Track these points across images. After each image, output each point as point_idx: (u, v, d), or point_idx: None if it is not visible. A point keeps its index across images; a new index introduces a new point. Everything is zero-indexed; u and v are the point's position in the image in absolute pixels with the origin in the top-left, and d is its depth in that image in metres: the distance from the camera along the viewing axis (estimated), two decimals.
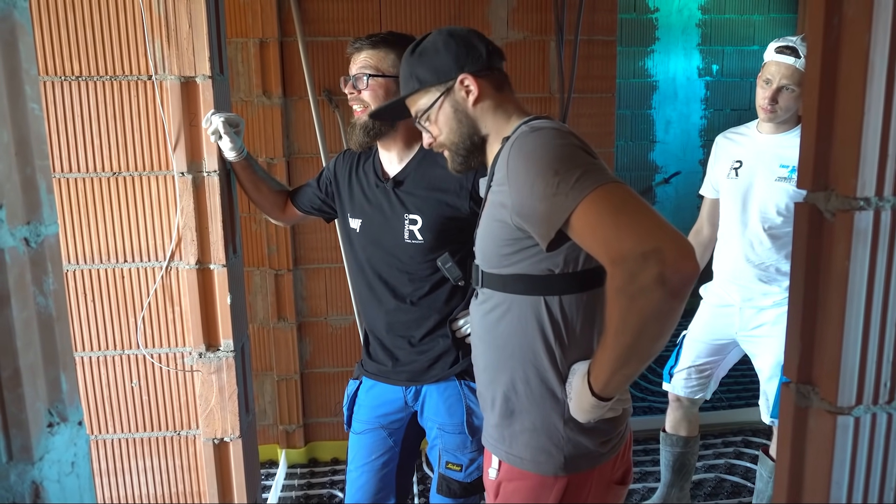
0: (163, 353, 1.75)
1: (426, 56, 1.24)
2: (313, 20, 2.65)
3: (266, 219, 2.77)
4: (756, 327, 2.18)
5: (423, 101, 1.26)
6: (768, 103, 2.03)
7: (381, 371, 1.78)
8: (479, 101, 1.21)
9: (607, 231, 0.96)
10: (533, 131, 1.09)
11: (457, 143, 1.25)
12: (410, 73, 1.27)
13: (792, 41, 2.00)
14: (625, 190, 0.99)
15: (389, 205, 1.68)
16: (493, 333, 1.21)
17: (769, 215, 2.08)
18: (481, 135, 1.24)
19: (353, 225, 1.75)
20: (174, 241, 1.69)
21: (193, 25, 1.58)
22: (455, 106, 1.23)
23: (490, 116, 1.22)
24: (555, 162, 1.02)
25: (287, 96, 2.71)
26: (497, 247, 1.15)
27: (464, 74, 1.20)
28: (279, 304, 2.85)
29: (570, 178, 0.99)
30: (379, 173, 1.72)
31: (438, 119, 1.25)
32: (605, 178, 0.99)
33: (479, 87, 1.20)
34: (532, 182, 1.03)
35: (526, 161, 1.05)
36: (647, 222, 0.94)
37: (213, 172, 1.65)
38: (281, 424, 2.97)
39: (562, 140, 1.06)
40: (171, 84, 1.60)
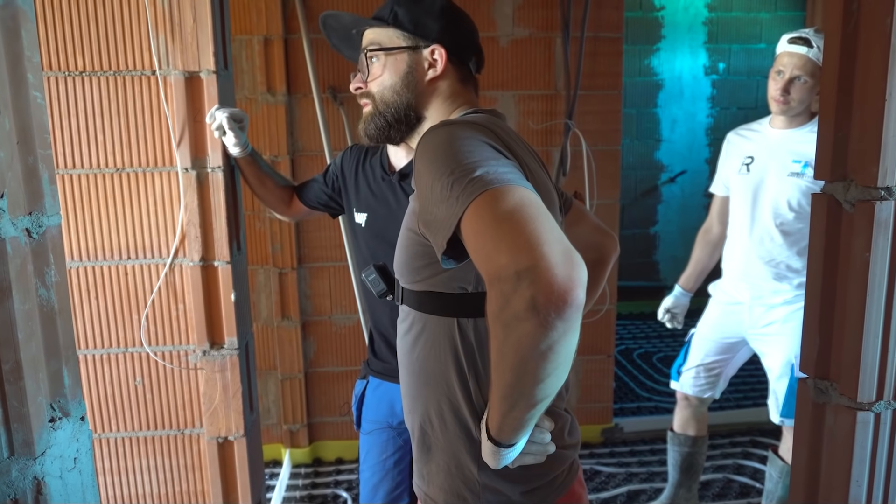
0: (166, 350, 1.74)
1: (419, 3, 1.12)
2: (317, 17, 2.63)
3: (271, 214, 2.76)
4: (766, 325, 2.16)
5: (384, 39, 1.13)
6: (780, 94, 2.01)
7: (387, 369, 1.77)
8: (437, 81, 1.10)
9: (487, 243, 0.74)
10: (443, 125, 0.92)
11: (388, 103, 1.12)
12: (392, 7, 1.13)
13: (805, 32, 1.98)
14: (520, 194, 0.77)
15: (395, 198, 1.67)
16: (410, 357, 1.04)
17: (781, 211, 2.06)
18: (419, 113, 1.12)
19: (359, 219, 1.73)
20: (178, 237, 1.67)
21: (198, 20, 1.56)
22: (412, 68, 1.10)
23: (439, 102, 1.11)
24: (452, 160, 0.83)
25: (291, 94, 2.69)
26: (409, 258, 0.99)
27: (439, 45, 1.09)
28: (283, 302, 2.84)
29: (464, 179, 0.79)
30: (385, 166, 1.70)
31: (386, 67, 1.12)
32: (503, 179, 0.79)
33: (444, 67, 1.09)
34: (430, 183, 0.85)
35: (427, 159, 0.88)
36: (529, 234, 0.72)
37: (216, 168, 1.64)
38: (285, 424, 2.95)
39: (469, 133, 0.88)
40: (175, 79, 1.59)
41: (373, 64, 1.14)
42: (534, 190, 0.80)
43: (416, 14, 1.11)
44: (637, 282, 5.13)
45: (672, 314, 2.42)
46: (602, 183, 2.87)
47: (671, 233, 5.22)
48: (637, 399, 3.62)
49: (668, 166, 5.14)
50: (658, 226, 5.23)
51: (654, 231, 5.23)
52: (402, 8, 1.12)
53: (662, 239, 5.25)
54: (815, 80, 1.97)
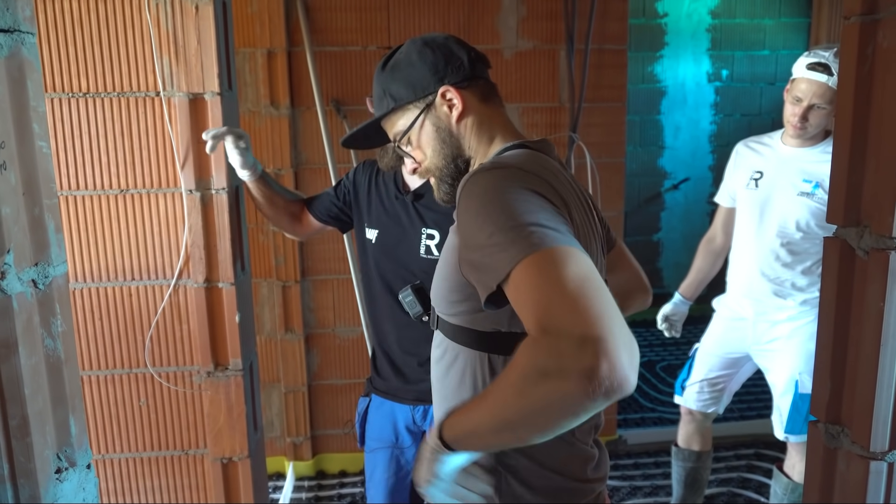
0: (170, 371, 1.73)
1: (400, 70, 1.09)
2: (321, 30, 2.63)
3: (274, 230, 2.75)
4: (770, 341, 2.15)
5: (401, 122, 1.11)
6: (798, 121, 1.98)
7: (389, 388, 1.76)
8: (463, 117, 1.06)
9: (550, 296, 0.74)
10: (490, 169, 0.92)
11: (441, 167, 1.09)
12: (384, 91, 1.11)
13: (824, 57, 1.93)
14: (584, 262, 0.78)
15: (408, 218, 1.66)
16: (443, 383, 1.06)
17: (788, 230, 2.04)
18: (465, 157, 1.08)
19: (369, 235, 1.73)
20: (182, 258, 1.67)
21: (202, 42, 1.56)
22: (437, 124, 1.07)
23: (475, 135, 1.07)
24: (508, 207, 0.83)
25: (295, 106, 2.69)
26: (447, 291, 0.99)
27: (445, 87, 1.05)
28: (287, 315, 2.83)
29: (522, 230, 0.80)
30: (399, 185, 1.70)
31: (421, 141, 1.09)
32: (562, 240, 0.79)
33: (463, 101, 1.05)
34: (481, 226, 0.85)
35: (479, 201, 0.87)
36: (600, 308, 0.73)
37: (221, 190, 1.63)
38: (288, 436, 2.95)
39: (522, 180, 0.88)
40: (179, 101, 1.58)
41: (410, 148, 1.12)
42: (586, 253, 0.81)
43: (406, 80, 1.08)
44: None
45: (671, 322, 2.41)
46: (606, 195, 2.86)
47: (674, 240, 5.21)
48: (641, 410, 3.61)
49: (671, 173, 5.13)
50: (661, 233, 5.22)
51: (657, 238, 5.22)
52: (392, 86, 1.10)
53: (666, 246, 5.23)
54: (834, 106, 1.95)
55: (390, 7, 2.65)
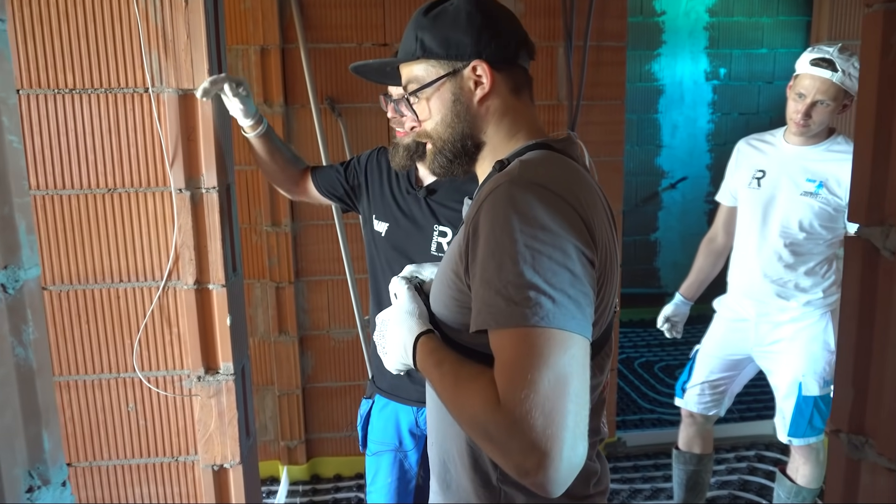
0: (160, 376, 1.68)
1: (442, 22, 0.98)
2: (316, 26, 2.58)
3: (268, 229, 2.70)
4: (772, 343, 2.11)
5: (420, 73, 1.01)
6: (801, 118, 1.94)
7: (394, 388, 1.72)
8: (487, 99, 0.98)
9: (525, 384, 0.74)
10: (522, 186, 0.84)
11: (445, 139, 1.00)
12: (416, 37, 1.00)
13: (828, 52, 1.90)
14: (572, 355, 0.77)
15: (421, 213, 1.62)
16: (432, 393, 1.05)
17: (791, 230, 2.01)
18: (477, 140, 1.00)
19: (378, 228, 1.69)
20: (171, 260, 1.62)
21: (192, 36, 1.51)
22: (457, 95, 0.98)
23: (494, 122, 0.99)
24: (524, 257, 0.78)
25: (289, 105, 2.64)
26: (448, 299, 0.94)
27: (479, 61, 0.96)
28: (280, 317, 2.78)
29: (528, 292, 0.77)
30: (412, 179, 1.66)
31: (431, 102, 1.00)
32: (568, 320, 0.77)
33: (492, 82, 0.96)
34: (490, 256, 0.81)
35: (497, 228, 0.82)
36: (564, 418, 0.74)
37: (211, 189, 1.58)
38: (282, 440, 2.90)
39: (551, 221, 0.81)
40: (168, 97, 1.53)
41: (418, 103, 1.02)
42: (589, 332, 0.81)
43: (443, 35, 0.98)
44: (637, 289, 5.08)
45: (672, 323, 2.37)
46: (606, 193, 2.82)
47: (672, 239, 5.18)
48: (640, 411, 3.57)
49: (668, 172, 5.10)
50: (659, 232, 5.18)
51: (654, 237, 5.19)
52: (428, 33, 0.99)
53: (663, 245, 5.20)
54: (838, 103, 1.91)
55: (385, 4, 2.61)
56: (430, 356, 0.92)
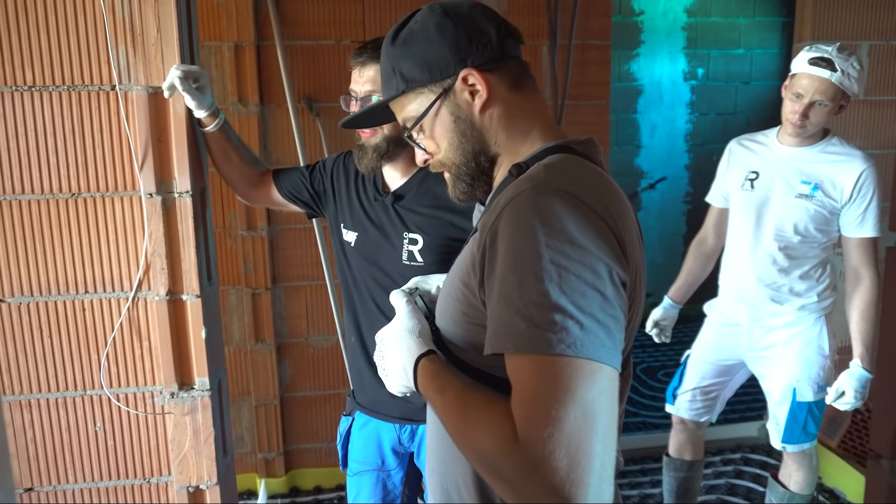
0: (129, 393, 1.58)
1: (414, 44, 0.91)
2: (292, 23, 2.49)
3: (243, 234, 2.60)
4: (766, 348, 2.08)
5: (413, 107, 0.93)
6: (799, 119, 1.89)
7: (375, 404, 1.64)
8: (488, 107, 0.89)
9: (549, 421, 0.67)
10: (545, 194, 0.76)
11: (458, 164, 0.93)
12: (393, 70, 0.93)
13: (827, 52, 1.85)
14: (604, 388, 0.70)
15: (389, 221, 1.54)
16: None
17: (786, 234, 1.97)
18: (490, 154, 0.92)
19: (348, 237, 1.61)
20: (142, 269, 1.51)
21: (162, 30, 1.41)
22: (456, 113, 0.90)
23: (503, 129, 0.90)
24: (549, 274, 0.71)
25: (264, 104, 2.54)
26: (454, 312, 0.87)
27: (467, 70, 0.88)
28: (257, 324, 2.68)
29: (553, 316, 0.70)
30: (379, 185, 1.57)
31: (434, 131, 0.93)
32: (597, 349, 0.70)
33: (488, 87, 0.88)
34: (511, 271, 0.74)
35: (518, 240, 0.74)
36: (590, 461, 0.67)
37: (184, 193, 1.48)
38: (260, 452, 2.79)
39: (580, 234, 0.73)
40: (137, 95, 1.43)
41: (423, 137, 0.95)
42: (619, 362, 0.73)
43: (420, 58, 0.90)
44: None
45: (661, 327, 2.33)
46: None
47: (651, 240, 5.16)
48: (624, 415, 3.53)
49: (647, 172, 5.08)
50: None
51: None
52: (404, 63, 0.91)
53: None
54: (836, 103, 1.87)
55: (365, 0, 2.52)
56: (433, 381, 0.84)
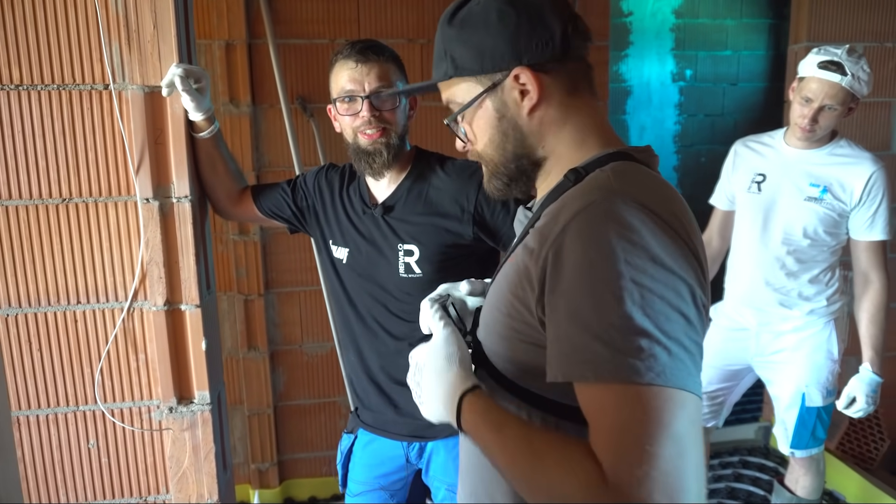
0: (125, 408, 1.50)
1: (470, 29, 0.83)
2: (285, 21, 2.42)
3: (235, 238, 2.52)
4: (775, 353, 2.05)
5: (459, 94, 0.87)
6: (808, 123, 1.86)
7: (379, 421, 1.58)
8: (537, 109, 0.83)
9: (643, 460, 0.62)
10: (623, 203, 0.71)
11: (497, 162, 0.88)
12: (445, 51, 0.86)
13: (836, 55, 1.81)
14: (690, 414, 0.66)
15: (381, 234, 1.47)
16: None
17: (794, 237, 1.94)
18: (535, 158, 0.86)
19: (339, 255, 1.53)
20: (137, 278, 1.44)
21: (159, 26, 1.34)
22: (501, 110, 0.84)
23: (552, 134, 0.84)
24: (631, 295, 0.66)
25: (256, 104, 2.46)
26: (503, 328, 0.81)
27: (520, 68, 0.81)
28: (249, 332, 2.60)
29: (638, 341, 0.65)
30: (366, 198, 1.50)
31: (476, 123, 0.87)
32: (683, 375, 0.66)
33: (540, 89, 0.81)
34: (585, 295, 0.68)
35: (591, 253, 0.69)
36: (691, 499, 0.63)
37: (183, 198, 1.41)
38: (253, 463, 2.71)
39: (659, 250, 0.69)
40: (132, 95, 1.35)
41: (461, 125, 0.90)
42: (701, 389, 0.69)
43: (474, 44, 0.83)
44: None
45: None
46: None
47: None
48: None
49: None
50: None
51: None
52: (457, 46, 0.85)
53: None
54: (845, 106, 1.83)
55: None
56: (485, 417, 0.77)
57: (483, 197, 1.40)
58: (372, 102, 1.38)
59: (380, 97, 1.38)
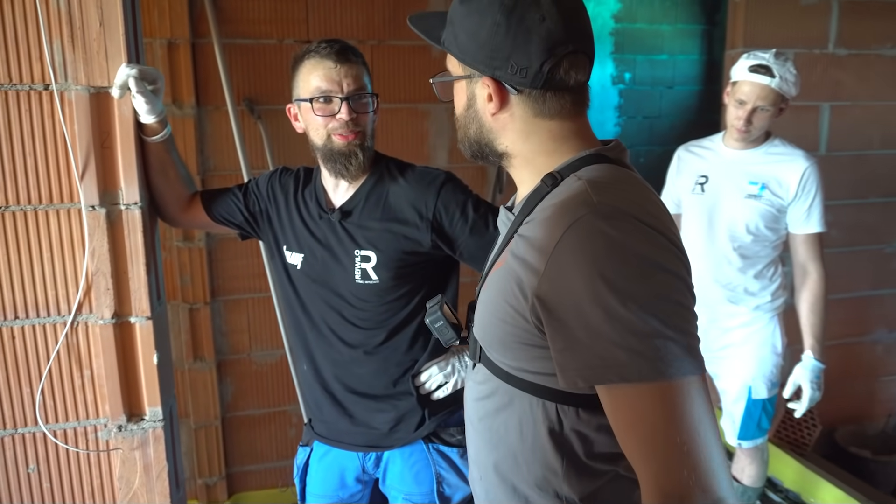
0: (69, 428, 1.41)
1: (470, 20, 0.86)
2: (231, 20, 2.34)
3: (179, 245, 2.42)
4: (721, 349, 2.12)
5: (450, 61, 0.93)
6: (743, 124, 1.95)
7: (334, 433, 1.54)
8: (499, 115, 0.88)
9: (674, 451, 0.70)
10: (607, 218, 0.75)
11: (462, 134, 0.95)
12: (451, 18, 0.90)
13: (765, 59, 1.91)
14: (704, 392, 0.73)
15: (337, 240, 1.43)
16: (488, 425, 0.94)
17: (738, 234, 2.01)
18: (496, 149, 0.91)
19: (293, 260, 1.49)
20: (82, 290, 1.36)
21: (105, 23, 1.26)
22: (471, 100, 0.90)
23: (515, 138, 0.88)
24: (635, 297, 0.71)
25: (201, 105, 2.37)
26: (504, 335, 0.85)
27: (489, 79, 0.85)
28: (195, 341, 2.50)
29: (651, 340, 0.70)
30: (322, 202, 1.46)
31: (454, 94, 0.95)
32: (693, 361, 0.72)
33: (501, 103, 0.86)
34: (589, 301, 0.72)
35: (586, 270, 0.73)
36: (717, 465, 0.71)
37: (132, 205, 1.34)
38: (200, 477, 2.61)
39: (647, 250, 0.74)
40: (76, 96, 1.27)
41: (442, 87, 0.96)
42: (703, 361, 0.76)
43: (465, 35, 0.86)
44: None
45: None
46: None
47: None
48: None
49: None
50: None
51: None
52: (456, 27, 0.88)
53: None
54: (776, 107, 1.94)
55: None
56: None
57: (442, 205, 1.39)
58: (352, 105, 1.35)
59: (359, 100, 1.36)
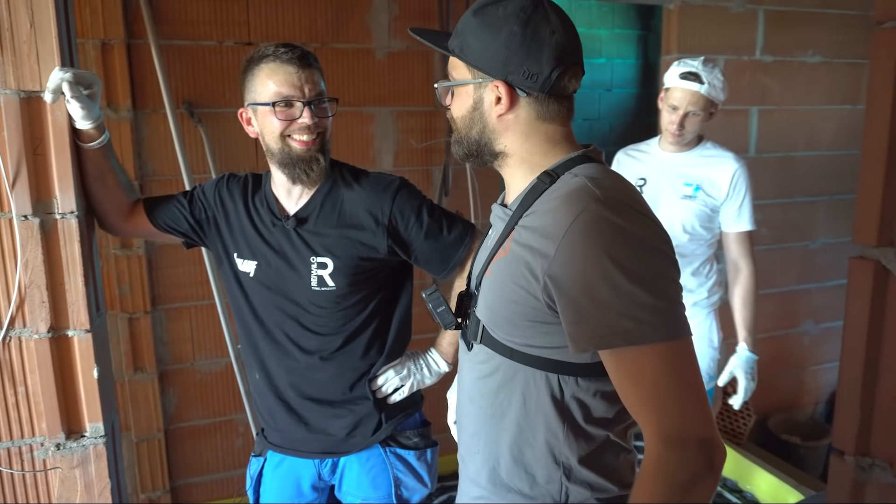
0: (2, 448, 1.35)
1: (485, 29, 0.95)
2: (168, 21, 2.27)
3: (116, 252, 2.34)
4: None
5: (456, 67, 1.01)
6: (676, 128, 2.04)
7: (289, 441, 1.52)
8: (505, 117, 0.98)
9: (675, 399, 0.86)
10: (610, 207, 0.87)
11: (462, 136, 1.04)
12: (461, 31, 0.99)
13: (694, 66, 2.01)
14: (692, 351, 0.88)
15: (292, 247, 1.42)
16: (490, 402, 1.03)
17: (675, 233, 2.09)
18: (494, 149, 1.01)
19: (245, 268, 1.46)
20: (14, 303, 1.30)
21: (36, 25, 1.21)
22: (478, 103, 0.99)
23: (514, 138, 0.99)
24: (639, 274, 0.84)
25: (137, 109, 2.30)
26: (512, 314, 0.96)
27: (502, 83, 0.96)
28: (135, 352, 2.42)
29: (656, 307, 0.84)
30: (275, 209, 1.44)
31: (457, 98, 1.03)
32: (683, 327, 0.87)
33: (510, 105, 0.97)
34: (597, 278, 0.85)
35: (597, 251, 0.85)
36: (705, 403, 0.87)
37: (69, 214, 1.29)
38: (143, 493, 2.53)
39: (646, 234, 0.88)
40: (5, 100, 1.22)
41: (447, 91, 1.04)
42: None
43: (480, 44, 0.96)
44: None
45: None
46: (485, 202, 2.79)
47: None
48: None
49: None
50: None
51: None
52: (469, 37, 0.97)
53: None
54: (706, 111, 2.04)
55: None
56: None
57: (398, 210, 1.39)
58: (314, 111, 1.33)
59: (320, 104, 1.35)
